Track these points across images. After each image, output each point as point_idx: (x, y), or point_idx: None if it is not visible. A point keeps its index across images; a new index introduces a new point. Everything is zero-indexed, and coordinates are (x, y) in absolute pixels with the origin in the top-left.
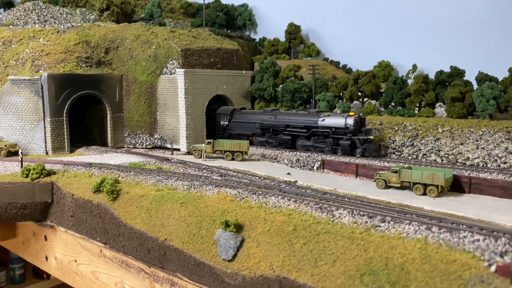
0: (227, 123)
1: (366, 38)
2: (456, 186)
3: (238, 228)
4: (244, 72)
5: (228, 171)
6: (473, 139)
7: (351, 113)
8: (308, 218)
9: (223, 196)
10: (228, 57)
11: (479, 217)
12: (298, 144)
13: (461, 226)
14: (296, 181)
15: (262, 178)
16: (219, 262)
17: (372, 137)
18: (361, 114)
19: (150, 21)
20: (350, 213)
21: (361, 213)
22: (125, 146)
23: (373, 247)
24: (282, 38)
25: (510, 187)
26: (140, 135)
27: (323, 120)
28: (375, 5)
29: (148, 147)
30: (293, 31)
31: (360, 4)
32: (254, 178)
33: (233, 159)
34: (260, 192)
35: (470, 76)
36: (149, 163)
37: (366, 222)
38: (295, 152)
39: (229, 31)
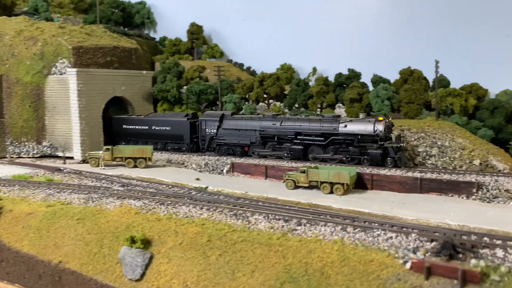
0: (215, 131)
1: (269, 41)
2: (360, 183)
3: (146, 243)
4: (144, 72)
5: (131, 180)
6: None
7: (380, 118)
8: (223, 227)
9: (127, 209)
10: (126, 56)
11: (383, 213)
12: (311, 156)
13: (373, 224)
14: (207, 187)
15: (170, 186)
16: (125, 283)
17: (404, 144)
18: (390, 119)
19: (35, 16)
20: (266, 218)
21: (277, 217)
22: (7, 156)
23: (291, 252)
24: (184, 38)
25: (407, 182)
26: (26, 143)
27: (345, 126)
28: (275, 8)
29: (36, 156)
30: (196, 31)
31: (260, 7)
32: (161, 186)
33: (135, 166)
34: (169, 202)
35: (366, 78)
36: (37, 175)
37: (283, 226)
38: (203, 156)
39: (126, 29)
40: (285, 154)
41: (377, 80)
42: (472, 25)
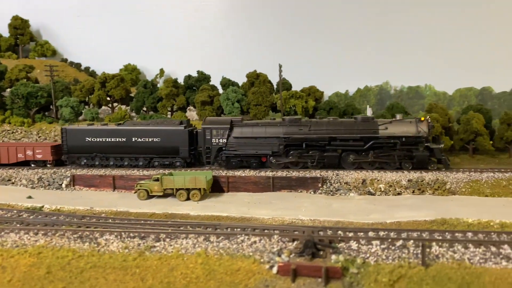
0: (224, 140)
1: (110, 40)
2: (216, 187)
3: None
4: None
5: None
6: None
7: (422, 118)
8: (66, 254)
9: None
10: None
11: (241, 215)
12: (348, 162)
13: (236, 230)
14: (43, 207)
15: None
16: None
17: (443, 145)
18: (429, 118)
19: None
20: (119, 237)
21: (132, 234)
22: None
23: (151, 273)
24: (5, 33)
25: (261, 182)
26: None
27: (386, 128)
28: (116, 6)
29: None
30: (20, 25)
31: (98, 3)
32: None
33: None
34: None
35: (215, 81)
36: None
37: (139, 244)
38: (36, 170)
39: None
40: (314, 163)
41: (226, 83)
42: (308, 33)
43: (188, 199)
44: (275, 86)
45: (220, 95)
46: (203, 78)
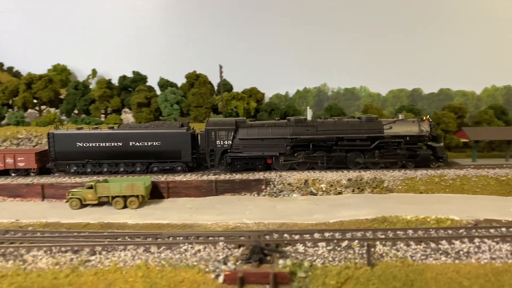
0: (229, 142)
1: (36, 38)
2: (156, 193)
3: None
4: None
5: None
6: None
7: (424, 117)
8: None
9: None
10: None
11: (183, 221)
12: (354, 162)
13: (178, 238)
14: None
15: None
16: None
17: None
18: (429, 118)
19: None
20: (48, 252)
21: (63, 249)
22: None
23: None
24: None
25: (203, 186)
26: None
27: (390, 127)
28: (42, 2)
29: None
30: None
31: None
32: None
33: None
34: None
35: (152, 82)
36: None
37: (72, 259)
38: None
39: None
40: (323, 163)
41: (164, 84)
42: (248, 35)
43: (125, 207)
44: (215, 88)
45: (158, 97)
46: (139, 78)
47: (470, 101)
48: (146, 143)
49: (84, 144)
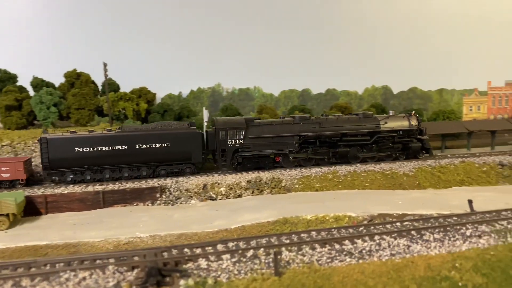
0: (240, 141)
1: None
2: (31, 209)
3: None
4: None
5: None
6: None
7: (412, 113)
8: None
9: None
10: None
11: (65, 241)
12: (355, 156)
13: (58, 266)
14: None
15: None
16: None
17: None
18: (416, 113)
19: None
20: None
21: None
22: None
23: None
24: None
25: (88, 198)
26: None
27: (385, 123)
28: None
29: None
30: None
31: None
32: None
33: None
34: None
35: (24, 81)
36: None
37: None
38: None
39: None
40: (330, 158)
41: (39, 84)
42: (137, 32)
43: None
44: (100, 87)
45: (31, 98)
46: (8, 78)
47: (353, 100)
48: (154, 145)
49: (83, 149)
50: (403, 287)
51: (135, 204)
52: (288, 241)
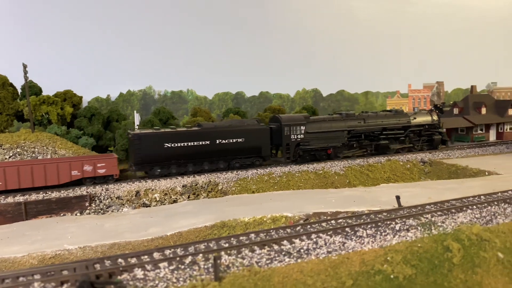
0: (301, 136)
1: None
2: None
3: None
4: None
5: None
6: None
7: (432, 109)
8: None
9: None
10: None
11: None
12: (392, 148)
13: None
14: None
15: None
16: None
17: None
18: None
19: None
20: None
21: None
22: None
23: None
24: None
25: (8, 210)
26: None
27: (414, 118)
28: None
29: None
30: None
31: None
32: None
33: None
34: None
35: None
36: None
37: None
38: None
39: None
40: (372, 150)
41: None
42: (54, 32)
43: None
44: (20, 91)
45: None
46: None
47: (286, 103)
48: (231, 140)
49: (172, 145)
50: (340, 283)
51: (62, 215)
52: (227, 245)
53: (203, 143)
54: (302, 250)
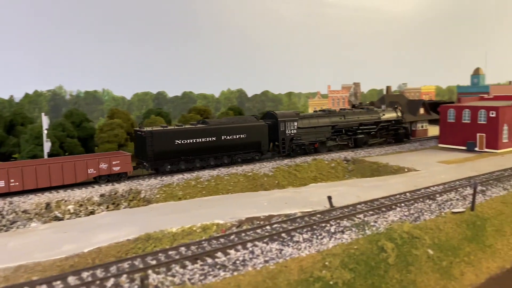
0: (295, 131)
1: None
2: None
3: None
4: None
5: None
6: None
7: (397, 106)
8: None
9: None
10: None
11: None
12: (370, 142)
13: None
14: None
15: None
16: None
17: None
18: (399, 106)
19: None
20: None
21: None
22: None
23: None
24: None
25: None
26: None
27: (383, 114)
28: None
29: None
30: None
31: None
32: None
33: None
34: None
35: None
36: None
37: None
38: None
39: None
40: (352, 144)
41: None
42: None
43: None
44: None
45: None
46: None
47: (211, 103)
48: (235, 136)
49: (182, 141)
50: None
51: None
52: (154, 262)
53: (210, 139)
54: (238, 262)
